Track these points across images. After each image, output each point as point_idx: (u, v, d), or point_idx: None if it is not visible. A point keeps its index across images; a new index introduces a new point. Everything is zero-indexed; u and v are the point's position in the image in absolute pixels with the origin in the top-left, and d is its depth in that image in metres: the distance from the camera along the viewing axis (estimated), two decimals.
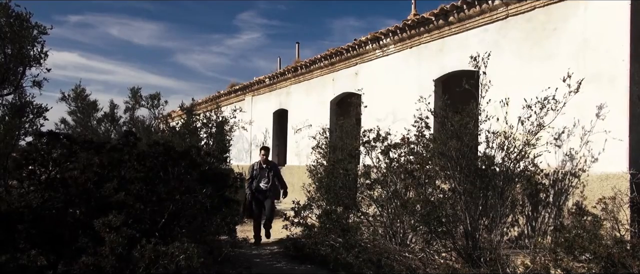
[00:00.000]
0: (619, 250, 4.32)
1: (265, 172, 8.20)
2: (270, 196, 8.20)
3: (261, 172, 8.22)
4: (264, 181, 8.14)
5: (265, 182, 8.14)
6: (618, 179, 5.66)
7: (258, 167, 8.27)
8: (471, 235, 5.57)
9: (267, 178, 8.16)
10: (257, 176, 8.18)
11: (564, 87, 5.93)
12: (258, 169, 8.25)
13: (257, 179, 8.16)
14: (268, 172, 8.20)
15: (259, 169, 8.24)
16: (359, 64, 11.18)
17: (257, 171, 8.22)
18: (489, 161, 5.84)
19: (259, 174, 8.20)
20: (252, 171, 8.28)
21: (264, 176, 8.19)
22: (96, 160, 4.57)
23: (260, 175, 8.19)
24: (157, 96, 11.78)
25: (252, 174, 8.22)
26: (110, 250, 3.76)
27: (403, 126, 7.18)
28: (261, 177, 8.17)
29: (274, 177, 8.26)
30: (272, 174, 8.21)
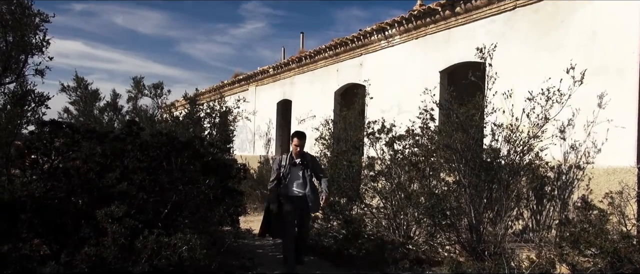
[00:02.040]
0: (625, 245, 4.28)
1: (299, 171, 5.59)
2: (307, 206, 5.60)
3: (293, 170, 5.59)
4: (298, 184, 5.56)
5: (300, 186, 5.55)
6: (625, 173, 5.59)
7: (288, 163, 5.61)
8: (475, 228, 5.53)
9: (302, 180, 5.57)
10: (287, 176, 5.57)
11: (569, 79, 5.86)
12: (288, 165, 5.60)
13: (286, 180, 5.57)
14: (304, 170, 5.59)
15: (290, 165, 5.60)
16: (363, 55, 11.09)
17: (287, 169, 5.58)
18: (495, 154, 5.79)
19: (290, 173, 5.58)
20: (278, 167, 5.64)
21: (297, 176, 5.57)
22: (98, 150, 4.55)
23: (292, 174, 5.58)
24: (160, 85, 11.74)
25: (279, 173, 5.61)
26: (112, 241, 3.74)
27: (408, 117, 7.12)
28: (293, 178, 5.57)
29: (312, 177, 5.70)
30: (309, 173, 5.60)
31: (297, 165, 5.57)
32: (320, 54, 12.58)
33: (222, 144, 5.63)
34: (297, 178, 5.53)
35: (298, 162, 5.58)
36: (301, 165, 5.58)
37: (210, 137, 9.95)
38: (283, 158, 5.66)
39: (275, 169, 5.61)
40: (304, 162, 5.60)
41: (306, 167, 5.57)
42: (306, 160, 5.63)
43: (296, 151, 5.58)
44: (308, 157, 5.72)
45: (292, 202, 5.47)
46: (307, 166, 5.58)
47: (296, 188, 5.51)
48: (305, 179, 5.52)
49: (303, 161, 5.60)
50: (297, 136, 5.65)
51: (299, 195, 5.50)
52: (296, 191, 5.50)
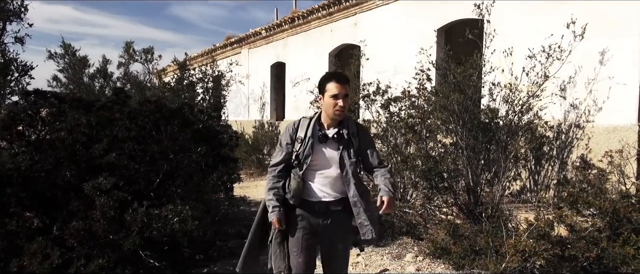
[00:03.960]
0: (624, 204, 4.21)
1: (332, 154, 2.75)
2: (344, 228, 2.84)
3: (320, 152, 2.74)
4: (329, 181, 2.77)
5: (333, 184, 2.77)
6: (626, 131, 5.49)
7: (311, 136, 2.74)
8: (473, 190, 5.46)
9: (339, 172, 2.74)
10: (305, 161, 2.72)
11: (570, 35, 5.67)
12: (309, 140, 2.73)
13: (304, 171, 2.73)
14: (344, 153, 2.74)
15: (314, 141, 2.74)
16: (358, 14, 10.79)
17: (307, 148, 2.72)
18: (493, 114, 5.65)
19: (314, 156, 2.73)
20: (290, 142, 2.79)
21: (326, 163, 2.75)
22: (83, 120, 4.38)
23: (319, 159, 2.74)
24: (151, 50, 11.42)
25: (290, 156, 2.79)
26: (101, 214, 3.64)
27: (404, 78, 6.94)
28: (319, 167, 2.75)
29: (358, 169, 2.81)
30: (352, 159, 2.74)
31: (329, 140, 2.72)
32: (313, 14, 12.25)
33: (212, 110, 5.47)
34: (326, 167, 2.72)
35: (332, 135, 2.72)
36: (338, 141, 2.72)
37: (203, 102, 9.77)
38: (300, 126, 2.78)
39: (284, 145, 2.77)
40: (345, 136, 2.73)
41: (347, 147, 2.73)
42: (349, 133, 2.75)
43: (334, 112, 2.67)
44: (353, 129, 2.79)
45: (313, 218, 2.74)
46: (349, 144, 2.73)
47: (323, 188, 2.74)
48: (345, 170, 2.70)
49: (341, 134, 2.72)
50: (337, 79, 2.69)
51: (328, 204, 2.74)
52: (323, 194, 2.74)
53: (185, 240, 4.21)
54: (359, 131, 2.84)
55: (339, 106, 2.65)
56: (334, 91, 2.65)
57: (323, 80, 2.75)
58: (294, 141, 2.78)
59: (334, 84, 2.66)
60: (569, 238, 3.98)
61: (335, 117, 2.71)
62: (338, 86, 2.65)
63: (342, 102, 2.65)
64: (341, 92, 2.65)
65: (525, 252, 3.75)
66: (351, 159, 2.73)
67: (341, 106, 2.65)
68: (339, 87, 2.65)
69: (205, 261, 4.83)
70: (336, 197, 2.77)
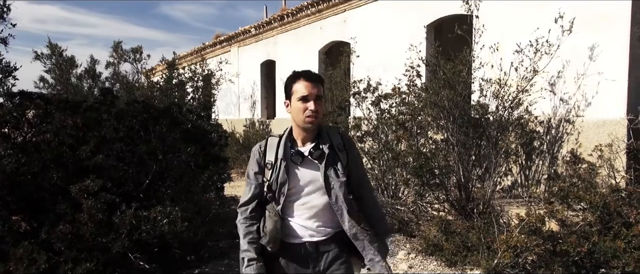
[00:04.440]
0: (614, 198, 4.22)
1: (314, 176, 2.09)
2: None
3: (297, 175, 2.09)
4: (315, 212, 2.12)
5: (321, 216, 2.13)
6: (615, 126, 5.52)
7: (284, 157, 2.09)
8: (464, 186, 5.46)
9: (327, 198, 2.09)
10: (281, 192, 2.07)
11: (558, 29, 5.68)
12: (283, 163, 2.08)
13: (281, 204, 2.08)
14: (328, 173, 2.08)
15: (288, 162, 2.08)
16: (347, 11, 10.75)
17: (281, 173, 2.06)
18: (483, 110, 5.66)
19: (290, 182, 2.08)
20: (258, 171, 2.13)
21: (309, 188, 2.10)
22: (70, 121, 4.31)
23: (296, 185, 2.09)
24: (139, 49, 11.26)
25: (261, 188, 2.13)
26: (88, 217, 3.58)
27: (394, 75, 6.92)
28: (300, 196, 2.10)
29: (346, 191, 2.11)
30: (339, 180, 2.08)
31: (305, 159, 2.10)
32: (302, 12, 12.20)
33: (201, 110, 5.42)
34: (308, 195, 2.12)
35: (308, 152, 2.10)
36: (318, 159, 2.10)
37: (193, 102, 9.68)
38: (268, 147, 2.16)
39: (252, 176, 2.15)
40: (325, 151, 2.12)
41: (333, 163, 2.13)
42: (333, 145, 2.15)
43: (304, 120, 2.07)
44: (338, 141, 2.19)
45: (301, 266, 2.14)
46: (334, 159, 2.13)
47: (309, 223, 2.14)
48: (334, 195, 2.10)
49: (320, 149, 2.11)
50: (306, 77, 2.09)
51: (317, 244, 2.14)
52: (309, 232, 2.14)
53: (176, 241, 4.16)
54: (346, 141, 2.19)
55: (310, 110, 2.02)
56: (302, 92, 2.03)
57: (289, 80, 2.12)
58: (262, 168, 2.11)
59: (303, 83, 2.05)
60: (560, 233, 3.99)
61: (307, 126, 2.05)
62: (308, 85, 2.03)
63: (313, 106, 2.01)
64: (312, 93, 2.03)
65: (516, 248, 3.75)
66: (340, 178, 2.08)
67: (313, 111, 2.01)
68: (309, 87, 2.03)
69: (197, 262, 4.78)
70: (327, 234, 2.12)
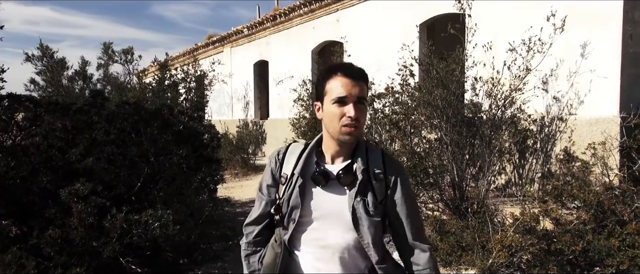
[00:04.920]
0: (608, 196, 4.23)
1: (341, 203, 1.58)
2: None
3: (318, 202, 1.60)
4: (332, 256, 1.60)
5: (340, 262, 1.60)
6: (608, 123, 5.52)
7: (302, 175, 1.61)
8: (458, 185, 5.45)
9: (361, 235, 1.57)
10: (291, 218, 1.61)
11: (550, 27, 5.68)
12: (299, 182, 1.60)
13: (289, 233, 1.63)
14: (362, 202, 1.56)
15: (307, 181, 1.61)
16: (340, 10, 10.73)
17: (294, 197, 1.60)
18: (476, 109, 5.65)
19: (306, 210, 1.60)
20: (272, 185, 1.70)
21: (329, 219, 1.60)
22: (59, 124, 4.25)
23: (316, 214, 1.60)
24: (130, 50, 11.18)
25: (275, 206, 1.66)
26: (78, 221, 3.53)
27: (387, 74, 6.90)
28: (318, 227, 1.61)
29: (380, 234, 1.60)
30: (374, 220, 1.56)
31: (331, 181, 1.59)
32: (295, 11, 12.16)
33: (193, 111, 5.36)
34: (327, 228, 1.61)
35: (337, 172, 1.58)
36: (348, 183, 1.58)
37: (186, 103, 9.62)
38: (288, 155, 1.69)
39: (264, 190, 1.72)
40: (359, 174, 1.58)
41: (364, 193, 1.57)
42: (369, 170, 1.60)
43: (341, 131, 1.55)
44: (377, 165, 1.61)
45: None
46: (367, 188, 1.58)
47: (321, 265, 1.62)
48: (362, 233, 1.57)
49: (352, 170, 1.59)
50: (345, 72, 1.55)
51: None
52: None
53: (168, 244, 4.12)
54: (388, 167, 1.61)
55: (348, 117, 1.50)
56: (339, 92, 1.51)
57: (322, 76, 1.60)
58: (277, 181, 1.67)
59: (340, 79, 1.52)
60: (555, 232, 3.98)
61: (344, 139, 1.54)
62: (347, 83, 1.51)
63: (353, 112, 1.49)
64: (353, 94, 1.51)
65: (511, 247, 3.73)
66: (372, 217, 1.54)
67: (353, 118, 1.49)
68: (349, 85, 1.51)
69: (190, 265, 4.74)
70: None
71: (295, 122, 8.99)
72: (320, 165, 1.61)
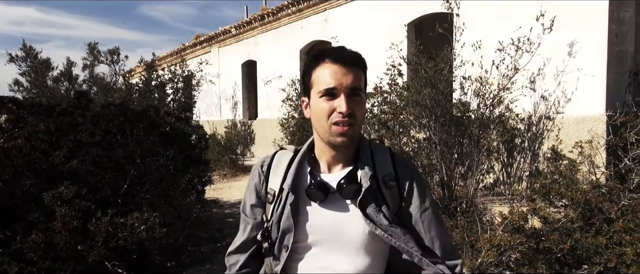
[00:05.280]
0: (596, 194, 4.25)
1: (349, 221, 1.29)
2: None
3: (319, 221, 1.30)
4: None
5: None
6: (594, 122, 5.57)
7: (292, 190, 1.31)
8: (447, 185, 5.46)
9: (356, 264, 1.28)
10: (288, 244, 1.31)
11: (539, 27, 5.70)
12: (291, 199, 1.30)
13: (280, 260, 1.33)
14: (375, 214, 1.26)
15: (300, 197, 1.32)
16: (328, 10, 10.70)
17: (286, 218, 1.31)
18: (465, 108, 5.67)
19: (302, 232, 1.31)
20: (257, 203, 1.41)
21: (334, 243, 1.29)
22: (42, 126, 4.17)
23: (316, 238, 1.31)
24: (116, 50, 11.04)
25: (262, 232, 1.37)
26: (62, 225, 3.46)
27: (376, 74, 6.89)
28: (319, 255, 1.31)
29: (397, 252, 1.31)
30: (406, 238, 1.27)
31: (331, 195, 1.30)
32: (283, 11, 12.11)
33: (180, 112, 5.30)
34: (331, 254, 1.31)
35: (339, 181, 1.28)
36: (352, 194, 1.28)
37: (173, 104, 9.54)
38: (273, 167, 1.41)
39: (248, 211, 1.43)
40: (365, 183, 1.28)
41: (377, 203, 1.28)
42: (377, 175, 1.31)
43: (331, 132, 1.27)
44: (386, 166, 1.33)
45: None
46: (378, 199, 1.29)
47: None
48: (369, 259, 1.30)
49: (356, 178, 1.29)
50: (335, 58, 1.27)
51: None
52: None
53: (155, 247, 4.06)
54: (399, 169, 1.34)
55: (339, 113, 1.22)
56: (327, 82, 1.24)
57: (308, 65, 1.32)
58: (263, 199, 1.39)
59: (329, 66, 1.25)
60: (543, 230, 3.99)
61: (336, 142, 1.26)
62: (337, 70, 1.24)
63: (345, 106, 1.21)
64: (344, 84, 1.23)
65: (500, 246, 3.73)
66: (393, 228, 1.26)
67: (344, 113, 1.22)
68: (339, 73, 1.23)
69: (177, 268, 4.68)
70: None
71: (284, 122, 8.96)
72: (315, 175, 1.31)
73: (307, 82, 1.33)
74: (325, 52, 1.30)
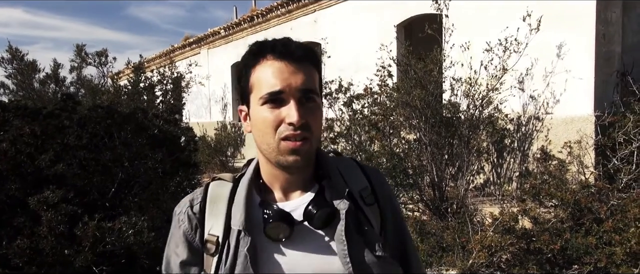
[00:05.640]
0: (585, 194, 4.27)
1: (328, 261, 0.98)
2: None
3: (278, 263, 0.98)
4: None
5: None
6: (583, 122, 5.60)
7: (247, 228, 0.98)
8: (438, 185, 5.46)
9: None
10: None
11: (526, 27, 5.73)
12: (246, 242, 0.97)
13: None
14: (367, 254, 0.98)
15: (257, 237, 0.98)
16: (317, 11, 10.68)
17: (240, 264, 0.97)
18: (454, 109, 5.68)
19: None
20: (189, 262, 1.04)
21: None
22: (27, 129, 4.10)
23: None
24: (104, 52, 10.92)
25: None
26: (48, 230, 3.39)
27: (366, 75, 6.88)
28: None
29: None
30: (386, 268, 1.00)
31: (300, 232, 0.99)
32: (272, 12, 12.07)
33: (168, 114, 5.25)
34: None
35: (305, 214, 0.98)
36: (324, 221, 0.98)
37: (162, 105, 9.46)
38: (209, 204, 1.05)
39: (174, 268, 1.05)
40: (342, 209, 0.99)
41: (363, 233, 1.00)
42: (350, 196, 1.03)
43: (284, 148, 0.97)
44: (356, 181, 1.08)
45: None
46: (361, 225, 1.01)
47: None
48: None
49: (328, 203, 0.99)
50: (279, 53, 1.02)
51: None
52: None
53: (143, 251, 4.00)
54: (374, 180, 1.11)
55: (289, 124, 0.96)
56: (271, 84, 0.98)
57: (244, 62, 1.07)
58: (197, 250, 1.05)
59: (271, 64, 1.01)
60: (533, 231, 4.00)
61: (287, 163, 0.99)
62: (283, 68, 0.99)
63: (296, 115, 0.95)
64: (293, 84, 0.98)
65: (491, 247, 3.73)
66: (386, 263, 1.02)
67: (295, 124, 0.96)
68: (285, 71, 0.99)
69: None
70: None
71: None
72: (270, 206, 0.99)
73: (244, 87, 1.03)
74: (265, 46, 1.05)
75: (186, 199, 1.08)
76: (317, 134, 1.00)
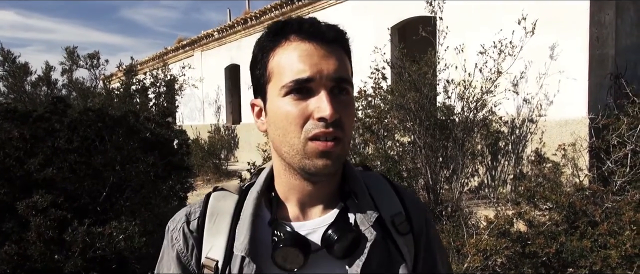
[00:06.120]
0: (580, 197, 4.26)
1: None
2: None
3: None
4: None
5: None
6: (577, 125, 5.60)
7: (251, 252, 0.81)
8: (432, 189, 5.44)
9: None
10: None
11: (521, 31, 5.73)
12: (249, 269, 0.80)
13: None
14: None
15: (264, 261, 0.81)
16: (311, 13, 10.66)
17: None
18: (449, 112, 5.66)
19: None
20: None
21: None
22: (16, 133, 4.04)
23: None
24: (96, 55, 10.83)
25: None
26: (37, 235, 3.34)
27: (360, 78, 6.85)
28: None
29: None
30: None
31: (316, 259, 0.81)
32: (266, 14, 12.05)
33: (161, 117, 5.20)
34: None
35: (324, 239, 0.81)
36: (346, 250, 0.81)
37: (155, 108, 9.39)
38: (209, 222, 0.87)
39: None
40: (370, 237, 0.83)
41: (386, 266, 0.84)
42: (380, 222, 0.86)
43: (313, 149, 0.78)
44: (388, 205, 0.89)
45: None
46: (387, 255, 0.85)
47: None
48: None
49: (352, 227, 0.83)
50: (308, 34, 0.80)
51: None
52: None
53: (134, 256, 3.95)
54: (410, 206, 0.92)
55: (321, 118, 0.77)
56: (297, 70, 0.79)
57: (261, 46, 0.85)
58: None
59: (297, 46, 0.80)
60: (528, 234, 3.98)
61: (317, 169, 0.80)
62: (311, 51, 0.79)
63: (329, 108, 0.76)
64: (325, 72, 0.78)
65: (486, 251, 3.71)
66: None
67: (328, 120, 0.77)
68: (315, 56, 0.79)
69: None
70: None
71: None
72: (282, 226, 0.83)
73: (259, 76, 0.85)
74: (288, 25, 0.82)
75: (182, 212, 0.91)
76: (349, 135, 0.82)
